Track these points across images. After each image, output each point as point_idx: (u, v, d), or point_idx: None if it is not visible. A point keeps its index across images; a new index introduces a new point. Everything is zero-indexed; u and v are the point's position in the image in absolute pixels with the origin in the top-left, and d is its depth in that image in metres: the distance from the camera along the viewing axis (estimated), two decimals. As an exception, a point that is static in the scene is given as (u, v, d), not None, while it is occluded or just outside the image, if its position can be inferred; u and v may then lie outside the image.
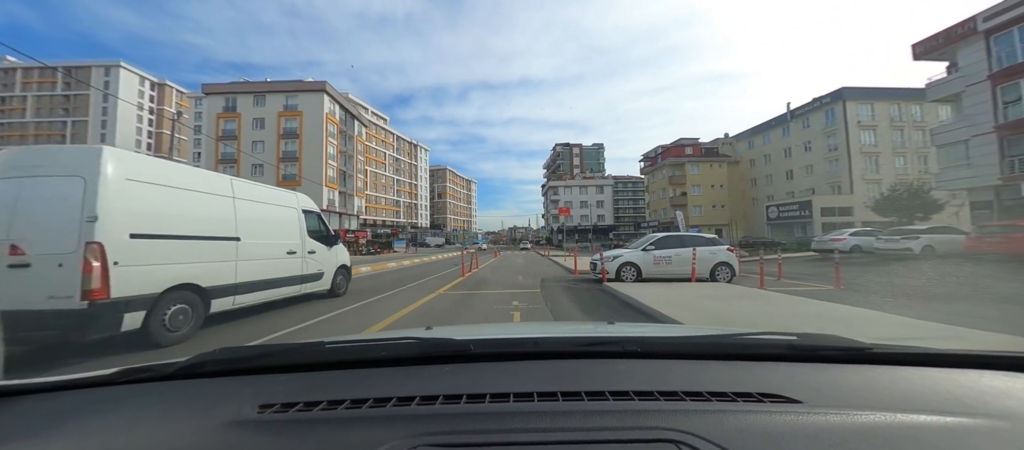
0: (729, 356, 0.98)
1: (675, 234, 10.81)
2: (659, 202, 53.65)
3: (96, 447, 0.65)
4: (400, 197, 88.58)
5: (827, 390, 0.78)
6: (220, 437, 0.66)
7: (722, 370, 0.89)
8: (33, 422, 0.75)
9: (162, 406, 0.79)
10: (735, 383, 0.80)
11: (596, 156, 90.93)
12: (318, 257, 7.37)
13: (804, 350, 0.96)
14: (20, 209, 3.70)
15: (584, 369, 0.92)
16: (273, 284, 6.09)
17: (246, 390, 0.83)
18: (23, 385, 0.85)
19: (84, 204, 3.69)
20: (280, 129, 44.15)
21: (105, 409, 0.78)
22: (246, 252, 5.52)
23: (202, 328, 4.83)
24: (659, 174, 53.45)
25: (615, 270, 9.84)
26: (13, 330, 3.33)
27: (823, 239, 19.96)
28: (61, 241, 3.64)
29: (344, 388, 0.82)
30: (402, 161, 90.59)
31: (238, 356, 0.99)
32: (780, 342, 1.00)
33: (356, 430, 0.66)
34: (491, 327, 1.84)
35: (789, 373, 0.87)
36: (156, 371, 0.92)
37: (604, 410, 0.70)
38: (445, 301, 8.06)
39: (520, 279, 12.16)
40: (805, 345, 0.97)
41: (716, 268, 9.78)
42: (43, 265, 3.60)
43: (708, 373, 0.88)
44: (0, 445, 0.66)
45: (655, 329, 1.66)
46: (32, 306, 3.51)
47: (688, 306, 5.84)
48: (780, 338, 1.02)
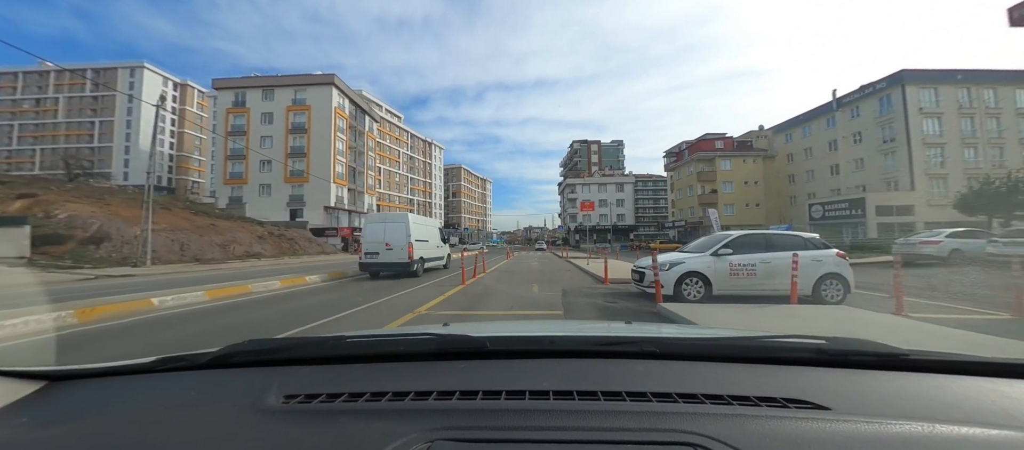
0: (752, 359, 0.93)
1: (760, 233, 7.61)
2: (685, 201, 49.63)
3: (139, 427, 0.71)
4: (414, 195, 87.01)
5: (858, 397, 0.74)
6: (249, 424, 0.69)
7: (744, 373, 0.86)
8: (86, 403, 0.82)
9: (196, 392, 0.84)
10: (758, 387, 0.76)
11: (615, 153, 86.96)
12: (442, 249, 15.99)
13: (833, 355, 0.91)
14: (387, 230, 11.88)
15: (600, 368, 0.90)
16: (432, 259, 14.01)
17: (273, 381, 0.85)
18: (77, 370, 0.94)
19: (407, 229, 11.84)
20: (288, 124, 42.66)
21: (146, 393, 0.86)
22: (426, 246, 13.29)
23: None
24: (685, 170, 49.43)
25: (673, 282, 6.76)
26: (392, 270, 11.81)
27: (909, 242, 16.16)
28: (401, 241, 11.73)
29: (364, 381, 0.85)
30: (416, 159, 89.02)
31: (265, 348, 1.03)
32: (807, 346, 0.94)
33: (376, 422, 0.68)
34: (507, 324, 1.91)
35: (817, 378, 0.83)
36: (191, 360, 0.98)
37: (621, 410, 0.68)
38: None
39: (535, 291, 9.20)
40: (834, 349, 0.92)
41: (822, 282, 6.62)
42: (397, 249, 11.69)
43: (730, 376, 0.84)
44: (57, 423, 0.73)
45: (674, 330, 1.70)
46: (396, 261, 11.70)
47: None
48: (807, 342, 0.96)
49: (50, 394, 0.86)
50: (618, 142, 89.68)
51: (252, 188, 42.26)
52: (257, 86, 43.12)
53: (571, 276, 13.37)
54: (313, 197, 41.41)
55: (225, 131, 43.08)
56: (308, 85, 42.80)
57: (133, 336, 4.83)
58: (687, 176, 48.69)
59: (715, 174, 45.21)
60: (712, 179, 45.38)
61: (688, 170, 48.48)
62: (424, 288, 9.69)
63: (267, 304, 7.24)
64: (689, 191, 48.18)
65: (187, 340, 4.67)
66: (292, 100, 42.87)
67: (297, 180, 41.81)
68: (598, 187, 65.32)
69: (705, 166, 46.12)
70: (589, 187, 65.58)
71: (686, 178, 48.94)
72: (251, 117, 42.90)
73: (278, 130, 42.63)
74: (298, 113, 42.71)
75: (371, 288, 9.60)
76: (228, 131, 43.03)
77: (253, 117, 42.93)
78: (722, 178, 45.10)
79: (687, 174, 48.68)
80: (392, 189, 77.31)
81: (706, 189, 45.74)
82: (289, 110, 42.68)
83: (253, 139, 42.71)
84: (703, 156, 45.97)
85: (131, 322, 5.54)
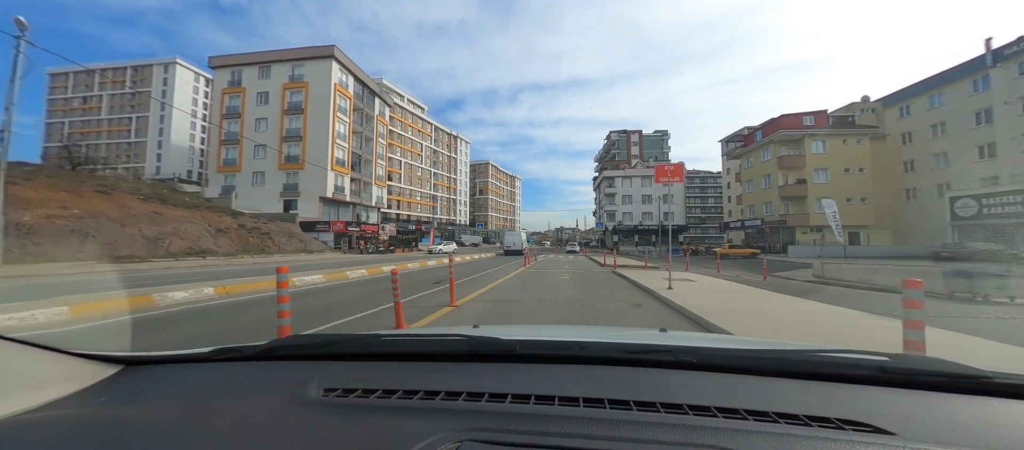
0: (802, 375, 0.84)
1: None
2: (758, 194, 38.82)
3: (196, 409, 0.77)
4: (437, 191, 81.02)
5: (929, 423, 0.66)
6: (291, 414, 0.73)
7: (794, 389, 0.79)
8: (154, 387, 0.91)
9: (246, 382, 0.91)
10: (809, 406, 0.69)
11: (659, 144, 75.89)
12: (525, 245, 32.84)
13: (898, 374, 0.81)
14: (516, 237, 34.62)
15: (633, 377, 0.86)
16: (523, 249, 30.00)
17: (314, 374, 0.89)
18: (148, 357, 1.04)
19: (523, 237, 35.62)
20: (284, 103, 37.11)
21: (204, 380, 0.94)
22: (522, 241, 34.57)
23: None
24: (758, 157, 38.64)
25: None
26: (518, 254, 28.86)
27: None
28: (520, 243, 32.40)
29: (398, 379, 0.86)
30: (440, 153, 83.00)
31: (307, 343, 1.10)
32: (868, 363, 0.85)
33: (408, 419, 0.69)
34: (537, 328, 1.79)
35: (878, 399, 0.75)
36: (242, 352, 1.04)
37: (655, 422, 0.65)
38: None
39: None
40: (900, 368, 0.82)
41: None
42: (519, 244, 32.47)
43: (777, 392, 0.78)
44: (132, 403, 0.82)
45: (713, 340, 1.56)
46: (519, 250, 30.60)
47: None
48: (867, 358, 0.86)
49: (126, 377, 0.94)
50: (662, 132, 78.38)
51: (246, 176, 37.15)
52: (253, 63, 38.01)
53: (642, 310, 5.07)
54: (309, 186, 35.51)
55: (219, 114, 38.35)
56: (305, 59, 37.04)
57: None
58: (761, 164, 37.90)
59: (803, 159, 34.26)
60: (799, 165, 34.46)
61: (763, 156, 37.69)
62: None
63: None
64: (765, 182, 37.39)
65: None
66: (289, 77, 37.32)
67: (292, 167, 36.13)
68: (641, 180, 55.26)
69: (789, 149, 35.24)
70: (630, 180, 55.71)
71: (760, 166, 38.15)
72: (246, 97, 37.83)
73: (273, 111, 37.24)
74: (295, 91, 37.07)
75: None
76: (223, 113, 38.26)
77: (249, 97, 37.84)
78: (813, 164, 34.09)
79: (762, 161, 37.88)
80: (413, 183, 71.57)
81: (790, 179, 34.90)
82: (285, 88, 37.14)
83: (248, 122, 37.60)
84: (787, 137, 35.07)
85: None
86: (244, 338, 1.19)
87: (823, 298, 8.48)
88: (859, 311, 6.13)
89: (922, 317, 2.70)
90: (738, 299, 7.42)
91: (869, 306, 6.83)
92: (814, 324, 5.24)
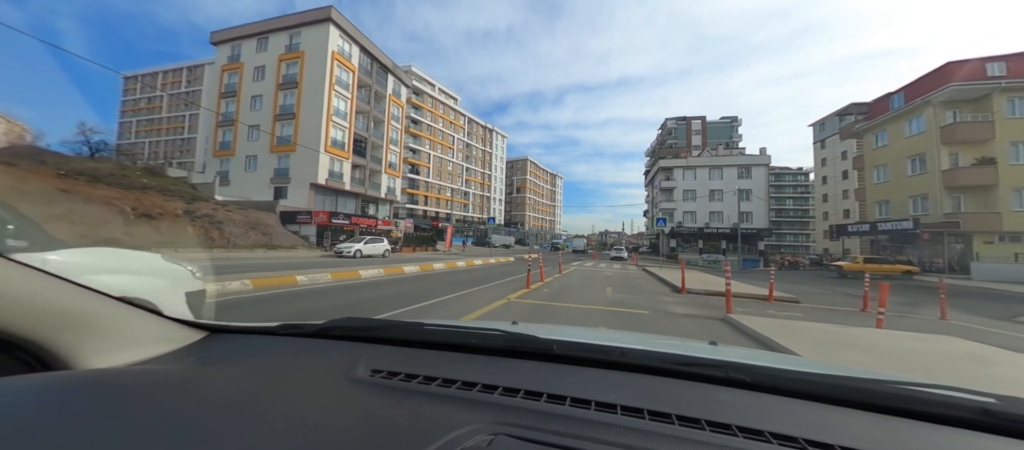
0: (879, 408, 0.73)
1: None
2: (898, 185, 26.44)
3: (266, 375, 0.86)
4: (470, 188, 74.53)
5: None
6: (342, 388, 0.79)
7: (865, 423, 0.69)
8: (232, 353, 1.01)
9: (305, 355, 0.99)
10: (884, 443, 0.62)
11: (726, 133, 62.63)
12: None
13: (1008, 420, 0.66)
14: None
15: (676, 390, 0.81)
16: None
17: (363, 355, 0.95)
18: (227, 326, 1.14)
19: (586, 242, 63.42)
20: (279, 77, 31.97)
21: (271, 350, 1.03)
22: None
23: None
24: (898, 130, 26.32)
25: None
26: (584, 254, 44.46)
27: None
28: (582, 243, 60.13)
29: (438, 367, 0.88)
30: (474, 147, 76.47)
31: (358, 325, 1.15)
32: (967, 402, 0.71)
33: (446, 407, 0.71)
34: (576, 329, 1.68)
35: (977, 447, 0.64)
36: (303, 329, 1.13)
37: (699, 440, 0.60)
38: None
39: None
40: (1010, 413, 0.67)
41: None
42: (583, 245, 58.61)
43: (845, 423, 0.68)
44: (214, 365, 0.92)
45: (771, 358, 1.33)
46: (585, 250, 54.00)
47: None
48: (967, 398, 0.72)
49: (211, 342, 1.04)
50: (730, 118, 64.87)
51: (239, 161, 32.56)
52: (253, 35, 33.45)
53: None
54: (300, 172, 29.88)
55: (218, 93, 34.29)
56: (303, 25, 31.61)
57: None
58: (905, 140, 25.57)
59: (991, 127, 21.75)
60: (981, 137, 22.02)
61: (908, 128, 25.36)
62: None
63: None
64: (912, 166, 25.05)
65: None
66: (285, 47, 32.14)
67: (283, 149, 30.78)
68: (709, 172, 43.76)
69: (964, 113, 22.81)
70: (694, 172, 44.38)
71: (903, 144, 25.81)
72: (244, 73, 33.34)
73: (268, 87, 32.27)
74: (291, 63, 31.78)
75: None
76: (221, 92, 34.14)
77: (246, 73, 33.32)
78: (1008, 134, 21.53)
79: (906, 136, 25.54)
80: (443, 178, 65.51)
81: (963, 158, 22.56)
82: (281, 60, 32.00)
83: (244, 101, 33.04)
84: (959, 94, 22.70)
85: None
86: None
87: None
88: None
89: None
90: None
91: None
92: None
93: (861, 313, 7.92)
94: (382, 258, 19.58)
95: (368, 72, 35.87)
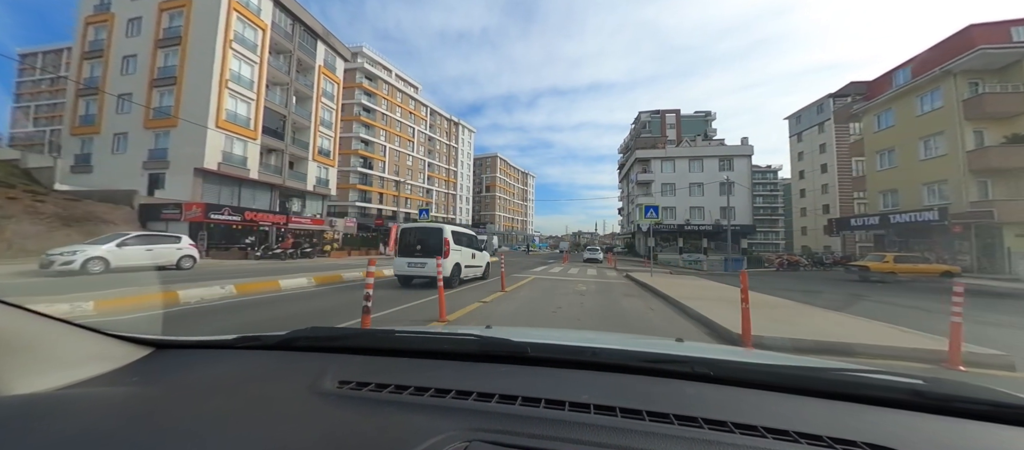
0: (828, 394, 0.80)
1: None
2: (908, 171, 22.75)
3: (220, 393, 0.79)
4: (433, 185, 67.84)
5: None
6: (307, 403, 0.74)
7: (816, 409, 0.75)
8: (181, 369, 0.92)
9: (265, 369, 0.93)
10: (834, 427, 0.65)
11: (701, 127, 59.77)
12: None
13: (934, 399, 0.74)
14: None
15: (646, 387, 0.83)
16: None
17: (329, 366, 0.90)
18: (176, 341, 1.05)
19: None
20: (159, 30, 24.42)
21: (226, 365, 0.95)
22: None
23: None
24: (907, 108, 22.69)
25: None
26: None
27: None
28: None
29: (410, 375, 0.86)
30: (437, 141, 69.88)
31: (324, 335, 1.09)
32: (901, 385, 0.78)
33: (418, 415, 0.69)
34: (550, 332, 1.67)
35: (911, 425, 0.69)
36: (263, 341, 1.06)
37: (668, 434, 0.63)
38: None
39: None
40: (936, 393, 0.75)
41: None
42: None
43: (799, 410, 0.74)
44: (160, 383, 0.83)
45: (733, 353, 1.46)
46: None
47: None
48: (900, 381, 0.80)
49: (156, 359, 0.96)
50: (705, 113, 62.27)
51: (105, 140, 24.65)
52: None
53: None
54: (182, 153, 22.54)
55: (79, 51, 26.12)
56: (190, -35, 24.22)
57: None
58: (916, 119, 21.87)
59: (1020, 99, 18.29)
60: (1012, 111, 18.48)
61: (920, 105, 21.70)
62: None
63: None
64: (925, 149, 21.30)
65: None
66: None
67: (162, 124, 23.29)
68: (689, 162, 39.79)
69: (991, 84, 19.18)
70: (673, 163, 40.31)
71: (912, 124, 22.10)
72: (114, 27, 25.45)
73: (145, 43, 24.61)
74: (175, 13, 24.32)
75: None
76: (83, 52, 26.01)
77: (117, 26, 25.44)
78: (1045, 108, 18.05)
79: (916, 115, 21.84)
80: (402, 174, 58.54)
81: (990, 137, 18.94)
82: (162, 9, 24.45)
83: (114, 63, 25.16)
84: (984, 63, 19.09)
85: None
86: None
87: None
88: None
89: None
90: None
91: None
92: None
93: None
94: (177, 270, 11.94)
95: (287, 35, 28.79)
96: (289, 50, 28.86)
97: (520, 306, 7.00)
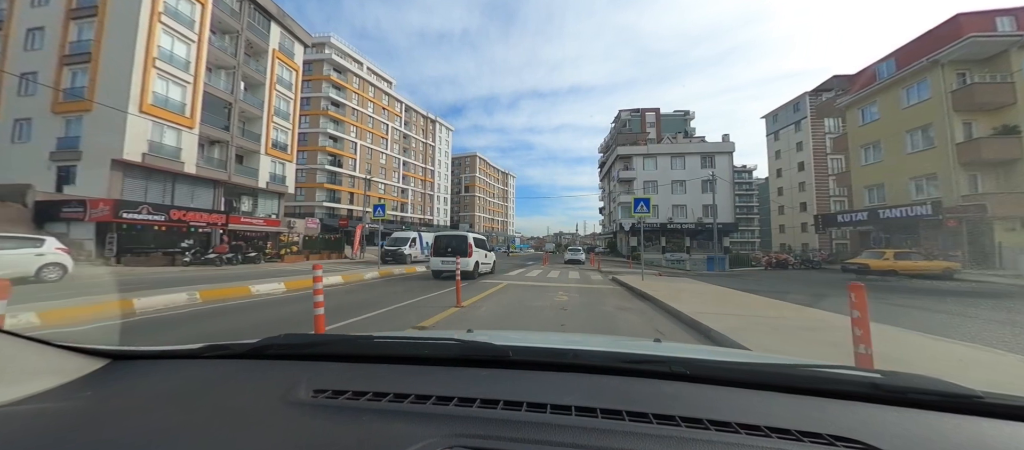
0: (795, 390, 0.84)
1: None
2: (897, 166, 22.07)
3: (182, 406, 0.75)
4: (409, 185, 64.67)
5: (918, 442, 0.65)
6: (279, 414, 0.71)
7: (785, 404, 0.78)
8: (141, 381, 0.87)
9: (235, 379, 0.89)
10: (800, 420, 0.69)
11: (681, 125, 59.54)
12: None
13: (891, 392, 0.79)
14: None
15: (626, 387, 0.84)
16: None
17: (303, 374, 0.87)
18: (135, 351, 1.00)
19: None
20: (71, 1, 20.83)
21: (193, 375, 0.90)
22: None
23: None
24: (893, 100, 22.04)
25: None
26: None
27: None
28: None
29: (389, 382, 0.84)
30: (413, 139, 66.77)
31: (298, 343, 1.05)
32: (860, 380, 0.84)
33: (398, 423, 0.67)
34: (531, 335, 1.67)
35: (869, 417, 0.73)
36: (232, 350, 1.01)
37: (647, 432, 0.64)
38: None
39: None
40: (892, 385, 0.80)
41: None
42: None
43: (767, 406, 0.77)
44: (116, 397, 0.79)
45: (708, 352, 1.49)
46: None
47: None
48: (859, 375, 0.86)
49: (112, 371, 0.90)
50: (684, 112, 62.19)
51: (4, 128, 20.78)
52: (34, -62, 21.75)
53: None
54: (97, 142, 19.09)
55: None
56: (111, -77, 20.75)
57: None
58: (902, 112, 21.21)
59: (1012, 90, 17.69)
60: (1001, 102, 17.82)
61: (906, 97, 21.06)
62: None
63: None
64: (912, 142, 20.65)
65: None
66: (83, -45, 21.01)
67: (75, 107, 19.74)
68: (671, 159, 38.84)
69: (982, 74, 18.58)
70: (656, 160, 39.26)
71: (898, 117, 21.47)
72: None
73: (55, 14, 20.94)
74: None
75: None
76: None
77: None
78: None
79: (903, 107, 21.18)
80: (375, 172, 55.18)
81: (978, 128, 18.30)
82: (76, -26, 20.86)
83: (16, 36, 21.31)
84: (972, 53, 18.43)
85: None
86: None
87: None
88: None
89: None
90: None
91: None
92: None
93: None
94: (37, 283, 8.94)
95: (234, 12, 25.56)
96: (236, 30, 25.62)
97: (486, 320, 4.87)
